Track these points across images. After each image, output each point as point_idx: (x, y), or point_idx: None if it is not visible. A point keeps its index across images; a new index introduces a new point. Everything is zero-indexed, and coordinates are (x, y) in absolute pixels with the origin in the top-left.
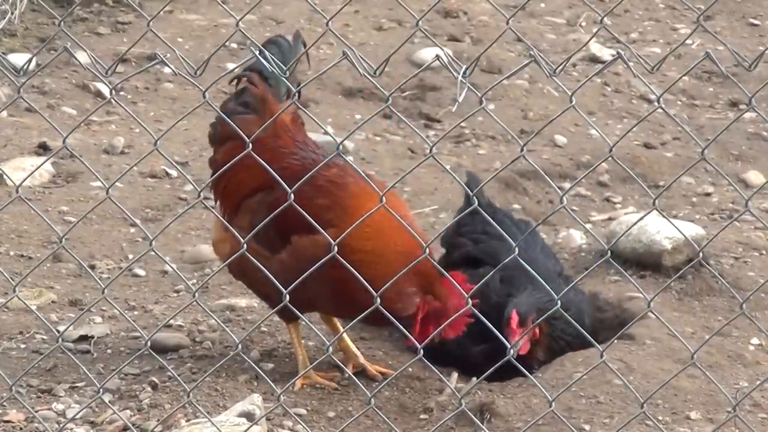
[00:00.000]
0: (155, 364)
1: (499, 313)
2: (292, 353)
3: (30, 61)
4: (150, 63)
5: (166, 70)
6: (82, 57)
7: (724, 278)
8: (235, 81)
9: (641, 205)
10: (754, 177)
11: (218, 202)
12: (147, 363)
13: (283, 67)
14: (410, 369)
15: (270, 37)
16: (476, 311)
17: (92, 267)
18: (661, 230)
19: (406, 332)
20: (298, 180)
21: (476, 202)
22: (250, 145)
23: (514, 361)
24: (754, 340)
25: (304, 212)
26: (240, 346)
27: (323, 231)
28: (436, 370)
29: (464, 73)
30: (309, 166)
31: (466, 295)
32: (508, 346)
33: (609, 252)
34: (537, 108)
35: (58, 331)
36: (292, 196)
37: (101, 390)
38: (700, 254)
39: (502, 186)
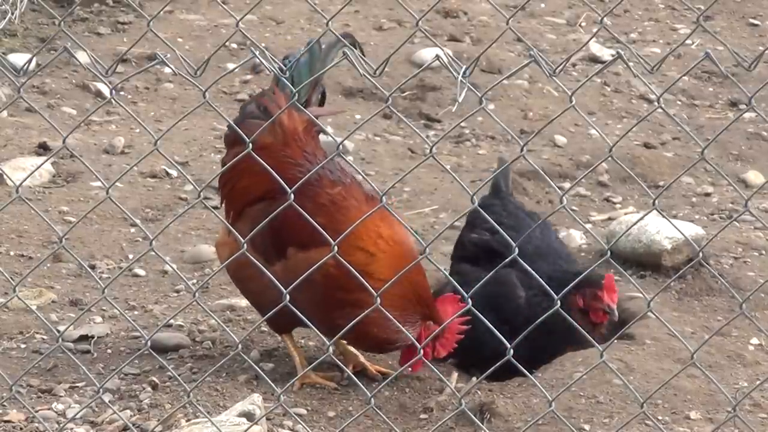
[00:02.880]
0: (155, 364)
1: (531, 310)
2: None
3: (30, 61)
4: (150, 63)
5: (166, 70)
6: (82, 57)
7: (724, 278)
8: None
9: (641, 205)
10: (754, 177)
11: (223, 205)
12: (147, 363)
13: (284, 68)
14: (410, 369)
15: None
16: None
17: (92, 267)
18: (661, 230)
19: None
20: (300, 193)
21: (476, 202)
22: (251, 145)
23: (514, 361)
24: (754, 340)
25: (310, 221)
26: (240, 346)
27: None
28: (436, 370)
29: (464, 73)
30: (314, 181)
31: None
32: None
33: (609, 252)
34: (537, 108)
35: (58, 331)
36: (293, 195)
37: (101, 390)
38: (700, 254)
39: None
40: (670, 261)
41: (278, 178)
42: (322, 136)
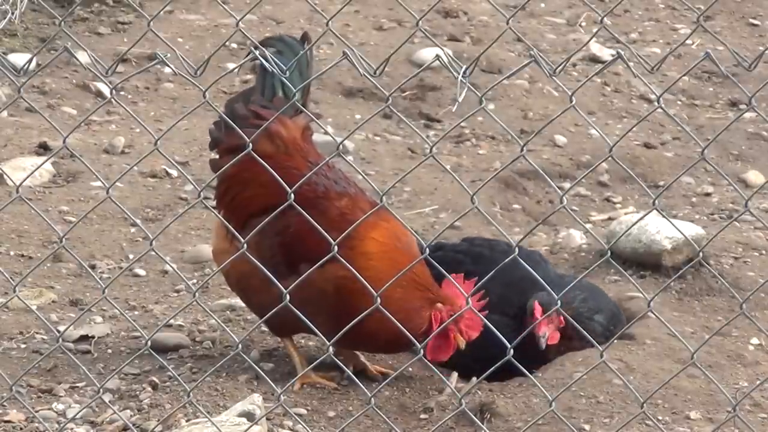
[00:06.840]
0: (155, 364)
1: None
2: None
3: (30, 61)
4: (150, 63)
5: (167, 70)
6: (83, 57)
7: (724, 278)
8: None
9: (641, 205)
10: (754, 177)
11: (222, 213)
12: (147, 363)
13: (284, 67)
14: (410, 369)
15: (280, 35)
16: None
17: (92, 267)
18: (661, 230)
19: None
20: (311, 207)
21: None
22: (251, 145)
23: (515, 361)
24: (754, 340)
25: (319, 233)
26: (240, 345)
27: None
28: (436, 370)
29: (464, 73)
30: (322, 194)
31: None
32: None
33: (609, 252)
34: (537, 108)
35: (59, 331)
36: (293, 195)
37: (101, 390)
38: (700, 254)
39: (502, 186)
40: (670, 261)
41: (283, 184)
42: (321, 136)
